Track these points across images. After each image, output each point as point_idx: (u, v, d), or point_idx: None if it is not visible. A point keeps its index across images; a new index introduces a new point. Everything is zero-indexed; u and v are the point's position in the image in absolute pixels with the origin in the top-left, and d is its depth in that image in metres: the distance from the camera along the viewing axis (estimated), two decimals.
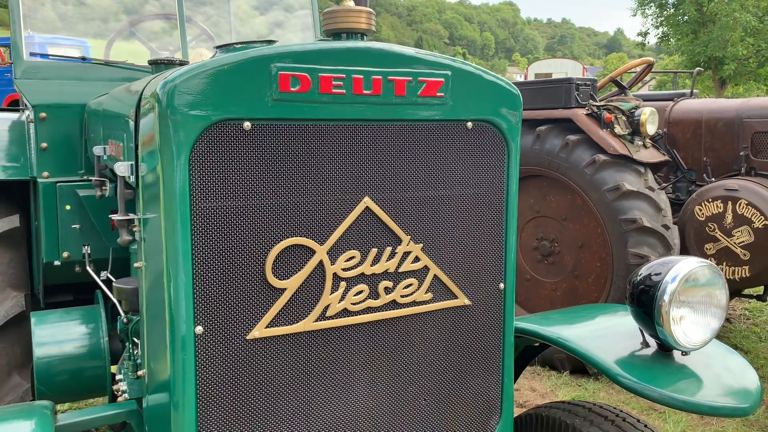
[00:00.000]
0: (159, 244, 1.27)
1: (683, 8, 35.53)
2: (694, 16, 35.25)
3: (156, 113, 1.21)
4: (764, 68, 33.61)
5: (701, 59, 35.10)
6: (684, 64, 37.53)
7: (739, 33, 32.36)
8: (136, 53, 3.37)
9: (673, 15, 36.93)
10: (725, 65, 33.32)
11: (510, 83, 1.55)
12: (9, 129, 2.93)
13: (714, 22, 33.85)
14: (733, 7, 32.27)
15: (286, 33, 3.85)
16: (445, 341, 1.52)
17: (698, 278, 1.65)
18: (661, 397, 1.59)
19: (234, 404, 1.30)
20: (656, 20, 38.27)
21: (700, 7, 34.95)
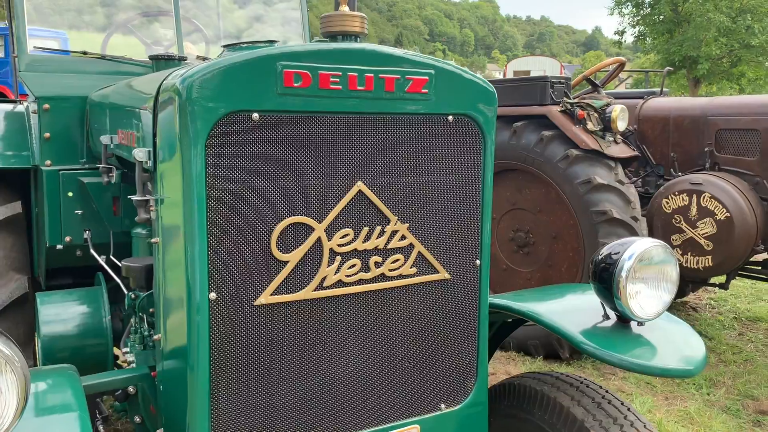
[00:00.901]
0: (176, 221, 1.44)
1: (659, 8, 36.04)
2: (669, 15, 35.78)
3: (176, 105, 1.37)
4: (737, 68, 34.22)
5: (676, 58, 35.64)
6: (660, 62, 38.08)
7: (712, 33, 32.90)
8: (132, 47, 3.50)
9: (649, 14, 37.43)
10: (699, 64, 33.86)
11: (486, 81, 1.73)
12: (10, 119, 3.06)
13: (689, 22, 34.39)
14: (707, 7, 32.82)
15: (265, 27, 3.98)
16: (427, 311, 1.70)
17: (652, 257, 1.85)
18: (619, 361, 1.79)
19: (242, 362, 1.47)
20: (633, 19, 38.76)
21: (675, 7, 35.48)
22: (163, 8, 3.32)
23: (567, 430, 1.90)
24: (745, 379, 4.71)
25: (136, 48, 3.53)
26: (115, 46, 3.39)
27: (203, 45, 3.69)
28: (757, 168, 4.70)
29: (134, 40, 3.51)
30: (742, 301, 6.56)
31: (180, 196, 1.40)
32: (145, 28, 3.56)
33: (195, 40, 3.39)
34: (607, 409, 1.93)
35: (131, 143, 1.88)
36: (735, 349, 5.28)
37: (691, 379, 4.68)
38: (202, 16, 3.78)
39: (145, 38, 3.46)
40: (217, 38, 3.75)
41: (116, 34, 3.43)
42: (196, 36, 3.65)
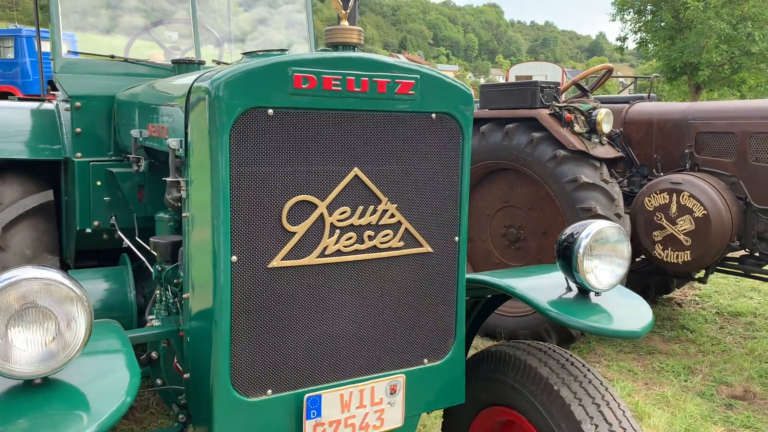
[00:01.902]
0: (204, 198, 1.73)
1: (660, 15, 36.29)
2: (670, 22, 35.99)
3: (206, 102, 1.67)
4: (738, 75, 34.42)
5: (677, 65, 35.85)
6: (661, 69, 38.32)
7: (713, 40, 33.11)
8: (149, 50, 3.81)
9: (650, 21, 37.67)
10: (700, 71, 34.05)
11: (464, 85, 2.03)
12: (41, 116, 3.37)
13: (690, 28, 34.61)
14: (708, 14, 33.03)
15: (270, 30, 4.27)
16: (412, 279, 1.99)
17: (606, 237, 2.14)
18: (578, 324, 2.09)
19: (256, 315, 1.76)
20: (635, 26, 39.00)
21: (676, 14, 35.70)
22: (181, 15, 3.62)
23: (535, 388, 2.20)
24: (721, 367, 5.00)
25: (155, 50, 3.85)
26: (134, 48, 3.70)
27: (213, 47, 3.98)
28: (733, 169, 4.98)
29: (151, 43, 3.82)
30: (725, 297, 6.84)
31: (208, 177, 1.69)
32: (159, 32, 3.86)
33: (203, 40, 3.65)
34: (569, 369, 2.22)
35: (162, 135, 2.18)
36: (714, 341, 5.56)
37: (670, 367, 4.98)
38: (211, 19, 4.06)
39: (162, 42, 3.77)
40: (226, 40, 4.03)
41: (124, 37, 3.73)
42: (203, 37, 3.92)
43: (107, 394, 1.49)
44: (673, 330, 5.86)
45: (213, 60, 3.52)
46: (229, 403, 1.74)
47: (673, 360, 5.14)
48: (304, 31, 4.13)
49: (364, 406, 1.90)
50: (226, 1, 4.09)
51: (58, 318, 1.44)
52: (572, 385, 2.14)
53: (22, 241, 3.05)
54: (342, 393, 1.86)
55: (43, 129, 3.27)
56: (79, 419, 1.43)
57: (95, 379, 1.54)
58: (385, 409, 1.94)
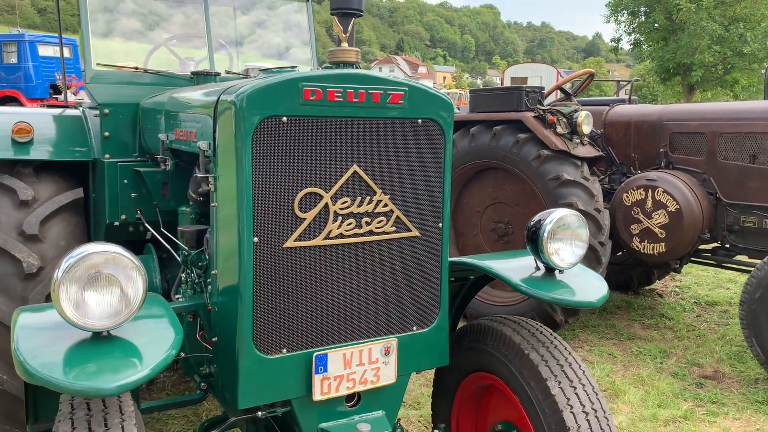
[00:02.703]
0: (231, 190, 2.10)
1: (654, 16, 36.68)
2: (664, 24, 36.37)
3: (233, 112, 2.03)
4: (730, 75, 34.82)
5: (671, 65, 36.22)
6: (655, 69, 38.72)
7: (706, 41, 33.51)
8: (167, 62, 4.18)
9: (644, 22, 38.06)
10: (693, 71, 34.44)
11: (445, 95, 2.40)
12: (70, 121, 3.73)
13: (683, 30, 35.01)
14: (701, 16, 33.41)
15: (267, 32, 4.61)
16: (403, 258, 2.35)
17: (567, 223, 2.51)
18: (544, 297, 2.46)
19: (274, 287, 2.12)
20: (629, 27, 39.39)
21: (669, 15, 36.09)
22: (198, 30, 3.97)
23: (509, 353, 2.56)
24: (694, 351, 5.38)
25: (168, 62, 4.21)
26: (152, 58, 4.06)
27: (222, 55, 4.33)
28: (704, 166, 5.36)
29: (168, 53, 4.17)
30: (703, 288, 7.23)
31: (234, 173, 2.06)
32: (174, 44, 4.22)
33: (216, 48, 3.97)
34: (538, 337, 2.59)
35: (191, 138, 2.54)
36: (690, 328, 5.95)
37: (647, 351, 5.36)
38: (216, 26, 4.36)
39: (178, 54, 4.13)
40: (231, 46, 4.35)
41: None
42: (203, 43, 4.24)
43: (157, 346, 1.86)
44: (653, 318, 6.24)
45: (225, 70, 3.88)
46: (252, 359, 2.10)
47: (651, 345, 5.52)
48: (302, 34, 4.46)
49: (363, 364, 2.27)
50: (227, 10, 4.42)
51: (121, 283, 1.81)
52: (540, 349, 2.52)
53: (57, 234, 3.40)
54: (344, 353, 2.23)
55: (73, 133, 3.62)
56: (135, 365, 1.79)
57: (147, 334, 1.90)
58: (380, 368, 2.30)
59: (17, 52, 21.98)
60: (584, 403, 2.36)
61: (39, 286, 3.26)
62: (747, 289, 4.54)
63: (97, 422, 1.87)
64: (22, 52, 22.00)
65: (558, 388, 2.38)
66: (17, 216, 3.34)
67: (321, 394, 2.20)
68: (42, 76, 22.26)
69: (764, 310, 4.45)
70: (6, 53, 22.09)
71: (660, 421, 4.16)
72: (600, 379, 4.75)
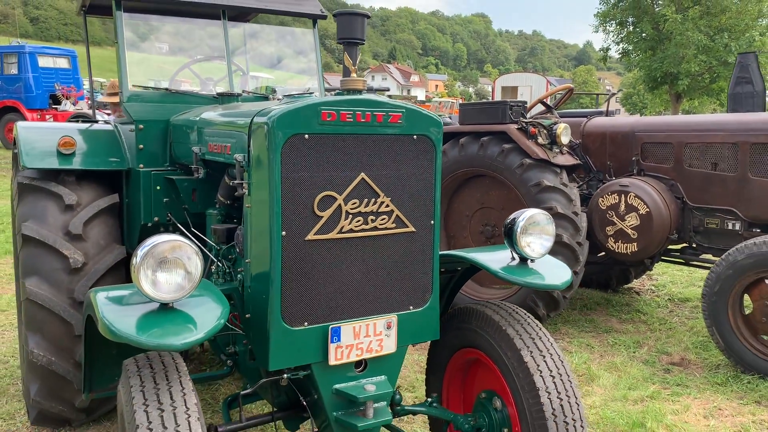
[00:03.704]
0: (263, 194, 2.57)
1: (641, 26, 37.43)
2: (651, 34, 37.13)
3: (265, 131, 2.52)
4: (716, 84, 35.50)
5: (658, 74, 36.91)
6: (642, 78, 39.45)
7: (692, 51, 34.23)
8: (190, 78, 4.68)
9: (632, 32, 38.80)
10: (680, 80, 35.16)
11: (436, 115, 2.90)
12: (104, 135, 4.22)
13: (670, 39, 35.76)
14: (687, 26, 34.16)
15: (276, 49, 5.11)
16: (401, 249, 2.83)
17: (537, 220, 3.01)
18: (518, 281, 2.94)
19: (297, 272, 2.60)
20: (617, 37, 40.12)
21: (656, 25, 36.84)
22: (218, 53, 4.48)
23: (490, 330, 3.06)
24: (664, 341, 5.90)
25: (192, 77, 4.72)
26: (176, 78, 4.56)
27: (239, 75, 4.83)
28: (672, 173, 5.90)
29: (190, 74, 4.68)
30: (677, 286, 7.77)
31: (266, 180, 2.54)
32: (197, 66, 4.73)
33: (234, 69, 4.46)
34: (514, 316, 3.09)
35: (226, 151, 3.04)
36: (662, 321, 6.47)
37: (622, 342, 5.87)
38: (239, 54, 4.86)
39: (199, 74, 4.64)
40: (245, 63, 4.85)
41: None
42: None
43: (210, 315, 2.34)
44: (629, 313, 6.77)
45: (243, 90, 4.38)
46: (280, 330, 2.59)
47: (626, 336, 6.04)
48: (307, 51, 4.94)
49: (369, 336, 2.76)
50: (240, 33, 4.93)
51: (185, 264, 2.30)
52: (515, 325, 3.02)
53: (97, 234, 3.88)
54: (354, 326, 2.72)
55: (109, 145, 4.11)
56: (192, 330, 2.28)
57: (202, 306, 2.38)
58: (383, 339, 2.80)
59: (17, 63, 22.42)
60: (551, 368, 2.87)
61: (83, 279, 3.74)
62: (707, 284, 5.07)
63: (161, 377, 2.36)
64: (23, 63, 22.43)
65: (530, 356, 2.88)
66: (63, 218, 3.82)
67: (335, 360, 2.69)
68: (42, 86, 22.71)
69: (723, 302, 4.98)
70: (6, 64, 22.51)
71: (629, 401, 4.67)
72: (577, 366, 5.26)
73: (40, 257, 3.71)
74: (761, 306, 4.89)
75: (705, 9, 35.26)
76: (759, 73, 6.07)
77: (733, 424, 4.32)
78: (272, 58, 5.13)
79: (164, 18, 4.44)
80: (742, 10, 34.61)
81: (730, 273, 4.91)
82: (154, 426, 2.18)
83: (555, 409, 2.79)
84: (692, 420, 4.37)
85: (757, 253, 4.78)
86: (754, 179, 5.41)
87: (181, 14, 4.42)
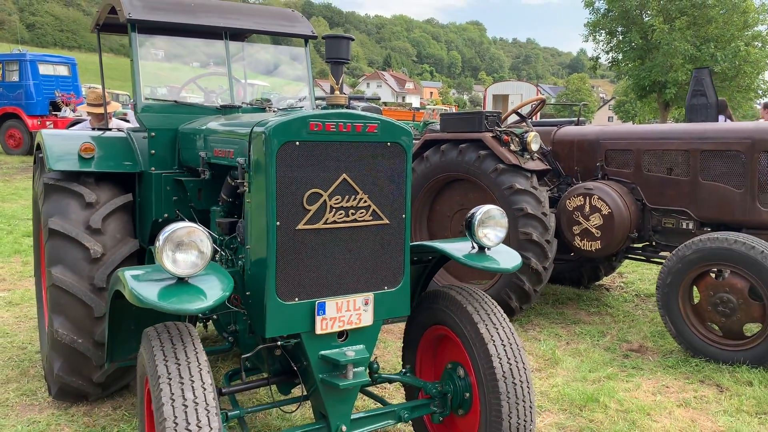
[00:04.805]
0: (261, 191, 3.09)
1: (630, 36, 38.19)
2: (639, 43, 37.87)
3: (263, 138, 3.05)
4: None
5: (646, 83, 37.62)
6: (631, 87, 40.17)
7: (679, 60, 34.96)
8: (195, 91, 5.23)
9: (621, 42, 39.56)
10: (667, 89, 35.88)
11: (407, 127, 3.44)
12: (120, 142, 4.75)
13: (658, 49, 36.49)
14: (674, 36, 34.89)
15: (271, 61, 5.64)
16: (378, 239, 3.35)
17: (492, 215, 3.55)
18: (476, 265, 3.49)
19: (290, 256, 3.13)
20: (606, 46, 40.86)
21: (645, 35, 37.59)
22: (219, 66, 5.03)
23: (454, 308, 3.58)
24: (626, 331, 6.45)
25: (195, 91, 5.26)
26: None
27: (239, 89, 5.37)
28: (632, 177, 6.46)
29: (194, 87, 5.23)
30: (644, 283, 8.33)
31: (263, 180, 3.06)
32: (201, 80, 5.27)
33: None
34: (474, 296, 3.63)
35: (229, 156, 3.57)
36: (627, 314, 7.03)
37: (587, 332, 6.41)
38: (235, 64, 5.39)
39: (203, 88, 5.18)
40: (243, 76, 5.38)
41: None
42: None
43: (217, 288, 2.87)
44: (597, 307, 7.32)
45: (242, 102, 4.92)
46: (275, 304, 3.12)
47: (591, 327, 6.59)
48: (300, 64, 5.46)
49: (350, 311, 3.28)
50: (238, 47, 5.47)
51: (198, 246, 2.83)
52: (474, 304, 3.55)
53: (114, 228, 4.40)
54: (337, 302, 3.25)
55: (123, 151, 4.63)
56: (203, 299, 2.79)
57: (211, 281, 2.91)
58: (362, 314, 3.32)
59: (18, 71, 22.93)
60: (503, 338, 3.41)
61: (102, 268, 4.26)
62: (660, 277, 5.62)
63: (177, 339, 2.89)
64: (23, 70, 22.95)
65: (485, 328, 3.42)
66: (84, 214, 4.35)
67: (321, 330, 3.21)
68: (42, 93, 23.23)
69: (674, 293, 5.54)
70: (8, 72, 23.02)
71: (588, 381, 5.21)
72: (545, 352, 5.80)
73: (65, 248, 4.22)
74: (707, 296, 5.45)
75: (692, 20, 35.99)
76: (712, 86, 6.65)
77: (677, 399, 4.87)
78: (268, 66, 5.67)
79: (173, 38, 4.98)
80: (727, 20, 35.37)
81: (679, 267, 5.47)
82: (173, 376, 2.71)
83: (505, 372, 3.33)
84: (641, 396, 4.91)
85: (702, 249, 5.34)
86: (703, 183, 5.98)
87: (188, 34, 4.96)
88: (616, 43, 40.36)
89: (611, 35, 40.39)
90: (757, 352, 5.20)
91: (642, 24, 37.89)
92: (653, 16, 37.06)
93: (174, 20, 4.58)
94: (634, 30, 37.93)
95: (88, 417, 4.46)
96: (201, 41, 5.11)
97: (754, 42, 35.89)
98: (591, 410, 4.62)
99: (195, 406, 2.65)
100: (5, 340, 5.84)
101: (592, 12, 39.96)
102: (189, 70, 5.13)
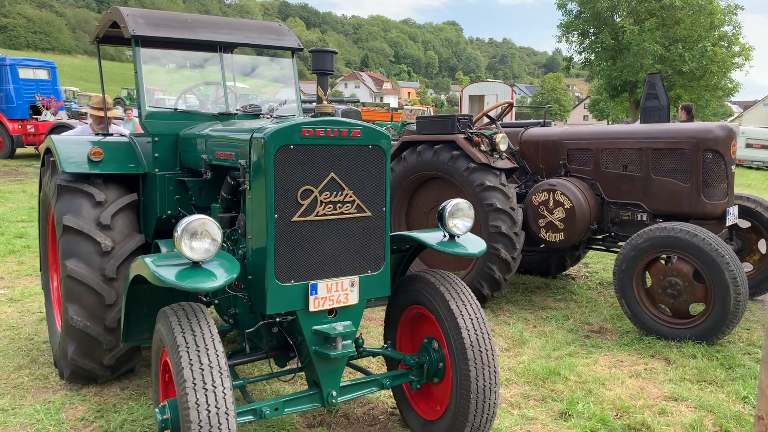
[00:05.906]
0: (261, 188, 3.58)
1: (602, 37, 39.15)
2: (611, 44, 38.85)
3: (262, 143, 3.54)
4: (672, 92, 37.23)
5: (618, 83, 38.58)
6: (603, 87, 41.12)
7: (649, 60, 35.93)
8: (191, 100, 5.70)
9: (593, 42, 40.50)
10: (638, 89, 36.83)
11: (386, 132, 3.96)
12: (125, 146, 5.21)
13: (628, 50, 37.45)
14: (644, 37, 35.87)
15: (263, 73, 6.12)
16: (361, 229, 3.84)
17: (460, 207, 4.07)
18: (447, 250, 3.99)
19: (286, 244, 3.62)
20: (579, 47, 41.77)
21: (616, 36, 38.54)
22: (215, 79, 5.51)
23: (429, 289, 4.09)
24: (588, 315, 7.04)
25: (193, 99, 5.73)
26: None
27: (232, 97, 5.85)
28: (591, 174, 7.04)
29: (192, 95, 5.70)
30: (608, 272, 8.93)
31: (263, 179, 3.54)
32: (198, 89, 5.75)
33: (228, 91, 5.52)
34: (446, 278, 4.15)
35: (231, 158, 4.05)
36: (590, 300, 7.62)
37: (552, 315, 6.99)
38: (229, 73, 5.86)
39: (200, 96, 5.66)
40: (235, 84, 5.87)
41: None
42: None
43: (226, 270, 3.35)
44: (563, 294, 7.90)
45: (236, 109, 5.41)
46: (274, 285, 3.61)
47: (557, 312, 7.17)
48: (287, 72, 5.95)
49: (338, 291, 3.78)
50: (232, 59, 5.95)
51: (211, 234, 3.32)
52: (445, 284, 4.07)
53: (122, 225, 4.85)
54: (327, 283, 3.74)
55: (128, 154, 5.09)
56: (215, 279, 3.27)
57: (220, 265, 3.40)
58: (348, 294, 3.82)
59: None
60: (470, 314, 3.93)
61: (112, 260, 4.71)
62: (616, 263, 6.21)
63: (191, 315, 3.38)
64: (3, 74, 23.05)
65: (455, 305, 3.95)
66: (95, 212, 4.80)
67: (314, 308, 3.71)
68: (22, 97, 23.34)
69: (629, 278, 6.13)
70: None
71: (552, 358, 5.77)
72: (513, 334, 6.35)
73: (78, 243, 4.67)
74: (658, 280, 6.04)
75: (661, 21, 36.99)
76: (664, 90, 7.26)
77: (630, 371, 5.45)
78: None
79: (172, 51, 5.45)
80: (695, 21, 36.40)
81: (633, 254, 6.06)
82: (190, 345, 3.20)
83: (472, 341, 3.86)
84: (598, 369, 5.49)
85: (652, 237, 5.94)
86: (655, 178, 6.59)
87: (185, 47, 5.43)
88: (588, 44, 41.19)
89: (584, 36, 41.23)
90: (701, 330, 5.80)
91: (613, 25, 38.82)
92: (624, 17, 38.00)
93: (173, 35, 5.05)
94: (606, 31, 38.83)
95: (99, 397, 4.90)
96: (197, 53, 5.58)
97: (721, 42, 36.97)
98: (553, 382, 5.18)
99: (210, 369, 3.14)
100: (12, 332, 6.25)
101: (565, 14, 40.79)
102: (186, 80, 5.60)
